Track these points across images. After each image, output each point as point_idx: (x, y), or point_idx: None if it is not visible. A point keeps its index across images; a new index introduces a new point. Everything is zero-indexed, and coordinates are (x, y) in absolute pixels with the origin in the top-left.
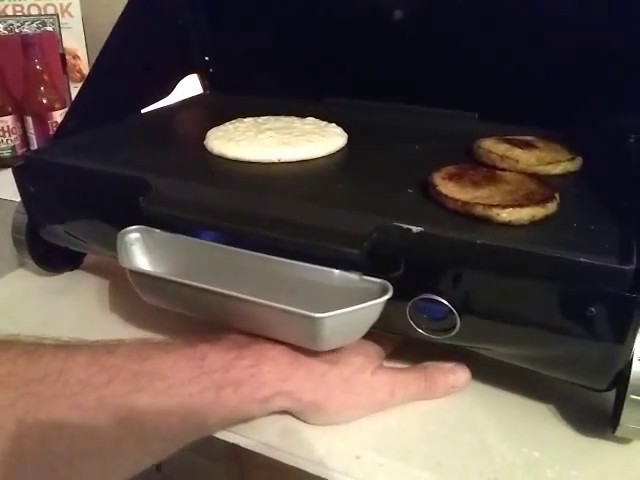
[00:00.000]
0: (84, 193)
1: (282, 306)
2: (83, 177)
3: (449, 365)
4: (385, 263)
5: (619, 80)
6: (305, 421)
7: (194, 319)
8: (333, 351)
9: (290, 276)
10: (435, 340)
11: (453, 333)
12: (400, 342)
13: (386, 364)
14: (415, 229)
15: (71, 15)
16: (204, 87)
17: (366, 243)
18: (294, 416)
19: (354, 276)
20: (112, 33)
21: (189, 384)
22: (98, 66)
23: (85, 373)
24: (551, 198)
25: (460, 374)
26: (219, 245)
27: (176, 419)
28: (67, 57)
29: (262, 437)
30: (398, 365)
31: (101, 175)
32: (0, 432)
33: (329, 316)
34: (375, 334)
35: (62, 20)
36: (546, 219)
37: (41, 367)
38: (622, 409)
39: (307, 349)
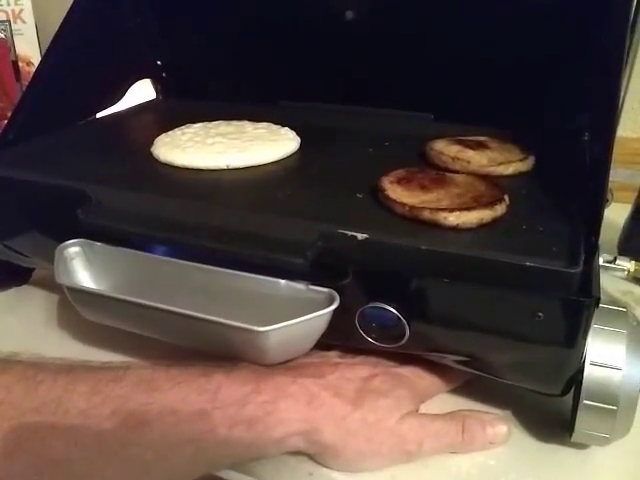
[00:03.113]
0: (21, 206)
1: (225, 320)
2: (18, 189)
3: (488, 417)
4: (331, 272)
5: (572, 77)
6: (322, 464)
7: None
8: (359, 391)
9: (236, 288)
10: (387, 349)
11: (403, 341)
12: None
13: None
14: (360, 236)
15: (24, 21)
16: (157, 92)
17: (310, 251)
18: (311, 458)
19: (300, 286)
20: (55, 37)
21: (200, 420)
22: (40, 73)
23: (87, 403)
24: (500, 200)
25: (499, 428)
26: (162, 257)
27: (183, 457)
28: (20, 64)
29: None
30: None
31: (37, 187)
32: None
33: (273, 329)
34: (441, 368)
35: (14, 26)
36: (495, 222)
37: (39, 395)
38: (577, 414)
39: (330, 386)
